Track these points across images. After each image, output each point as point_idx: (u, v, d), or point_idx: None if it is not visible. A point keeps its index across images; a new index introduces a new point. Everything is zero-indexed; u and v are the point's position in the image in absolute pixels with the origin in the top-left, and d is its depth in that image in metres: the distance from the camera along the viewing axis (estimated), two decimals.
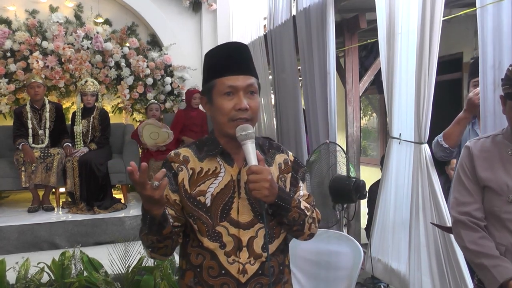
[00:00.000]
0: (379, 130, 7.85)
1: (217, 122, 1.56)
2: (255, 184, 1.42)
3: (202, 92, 1.61)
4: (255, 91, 1.55)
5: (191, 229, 1.56)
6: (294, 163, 1.69)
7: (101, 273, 3.46)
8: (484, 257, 1.85)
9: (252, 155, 1.45)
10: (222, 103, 1.51)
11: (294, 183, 1.66)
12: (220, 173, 1.55)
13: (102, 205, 5.15)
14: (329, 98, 4.14)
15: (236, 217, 1.52)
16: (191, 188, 1.54)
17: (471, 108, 2.83)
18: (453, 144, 2.90)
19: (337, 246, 2.66)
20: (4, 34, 5.96)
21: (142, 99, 6.72)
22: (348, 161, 3.67)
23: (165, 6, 6.89)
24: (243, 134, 1.46)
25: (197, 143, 1.63)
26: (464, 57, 5.32)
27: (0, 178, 5.22)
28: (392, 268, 3.46)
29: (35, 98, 5.29)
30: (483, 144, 1.99)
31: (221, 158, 1.58)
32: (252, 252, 1.52)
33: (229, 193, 1.54)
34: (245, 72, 1.53)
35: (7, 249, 4.51)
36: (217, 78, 1.52)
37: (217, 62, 1.55)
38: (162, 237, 1.45)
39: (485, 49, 2.59)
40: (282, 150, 1.69)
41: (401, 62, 3.28)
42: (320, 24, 4.15)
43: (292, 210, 1.53)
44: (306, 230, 1.60)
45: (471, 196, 1.96)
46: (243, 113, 1.49)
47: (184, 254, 1.60)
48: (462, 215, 1.96)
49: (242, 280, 1.51)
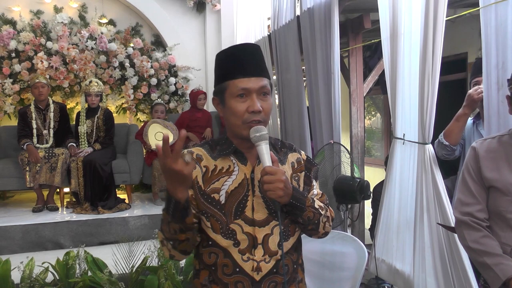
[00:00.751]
0: (383, 130, 7.83)
1: (230, 124, 1.56)
2: (270, 185, 1.42)
3: (214, 92, 1.61)
4: (268, 92, 1.55)
5: (200, 229, 1.56)
6: (307, 161, 1.70)
7: (105, 273, 3.46)
8: (486, 255, 1.86)
9: (266, 156, 1.46)
10: (235, 105, 1.51)
11: (307, 182, 1.67)
12: (234, 171, 1.56)
13: (106, 205, 5.17)
14: (334, 98, 4.13)
15: (251, 215, 1.53)
16: (205, 185, 1.54)
17: (471, 104, 2.85)
18: (454, 141, 2.91)
19: (341, 247, 2.66)
20: (9, 35, 5.98)
21: (146, 100, 6.74)
22: (353, 161, 3.66)
23: (169, 6, 6.89)
24: (257, 135, 1.47)
25: (210, 143, 1.64)
26: (469, 57, 5.30)
27: (5, 178, 5.24)
28: (397, 269, 3.45)
29: (39, 98, 5.31)
30: (489, 145, 1.99)
31: (234, 157, 1.58)
32: (268, 249, 1.52)
33: (243, 191, 1.54)
34: (257, 74, 1.53)
35: (12, 249, 4.53)
36: (230, 80, 1.52)
37: (230, 63, 1.55)
38: (185, 226, 1.42)
39: (489, 49, 2.59)
40: (294, 149, 1.71)
41: (405, 63, 3.27)
42: (324, 24, 4.15)
43: (306, 209, 1.54)
44: (320, 229, 1.62)
45: (474, 197, 1.97)
46: (256, 115, 1.50)
47: (197, 255, 1.60)
48: (464, 215, 1.97)
49: (256, 278, 1.50)
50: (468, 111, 2.87)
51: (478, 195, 1.97)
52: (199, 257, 1.58)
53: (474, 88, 2.86)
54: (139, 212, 5.20)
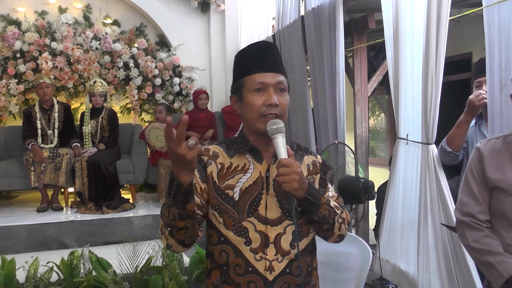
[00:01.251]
0: (387, 130, 7.82)
1: (247, 119, 1.57)
2: (285, 177, 1.42)
3: (232, 91, 1.62)
4: (285, 89, 1.57)
5: (212, 226, 1.55)
6: (322, 164, 1.70)
7: (109, 273, 3.47)
8: (489, 254, 1.87)
9: (282, 149, 1.46)
10: (252, 98, 1.53)
11: (322, 184, 1.67)
12: (249, 169, 1.56)
13: (111, 205, 5.17)
14: (338, 99, 4.12)
15: (264, 213, 1.52)
16: (220, 181, 1.54)
17: (472, 110, 2.82)
18: (457, 147, 2.89)
19: (345, 247, 2.65)
20: (14, 35, 6.00)
21: (151, 100, 6.75)
22: (357, 161, 3.66)
23: (174, 6, 6.90)
24: (273, 128, 1.48)
25: (227, 142, 1.65)
26: (474, 57, 5.29)
27: (10, 178, 5.25)
28: (401, 269, 3.44)
29: (44, 98, 5.33)
30: (493, 145, 1.99)
31: (250, 155, 1.59)
32: (280, 248, 1.51)
33: (257, 189, 1.54)
34: (274, 70, 1.55)
35: (16, 249, 4.54)
36: (247, 76, 1.54)
37: (247, 60, 1.58)
38: (184, 213, 1.37)
39: (492, 49, 2.58)
40: (310, 152, 1.71)
41: (408, 63, 3.26)
42: (329, 24, 4.14)
43: (322, 206, 1.53)
44: (336, 230, 1.60)
45: (475, 199, 1.98)
46: (273, 108, 1.51)
47: (208, 254, 1.59)
48: (465, 216, 1.98)
49: (269, 278, 1.49)
50: (470, 117, 2.85)
51: (480, 197, 1.97)
52: (211, 256, 1.57)
53: (475, 93, 2.82)
54: (144, 212, 5.21)
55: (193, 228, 1.44)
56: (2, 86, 6.04)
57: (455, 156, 2.91)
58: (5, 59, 6.10)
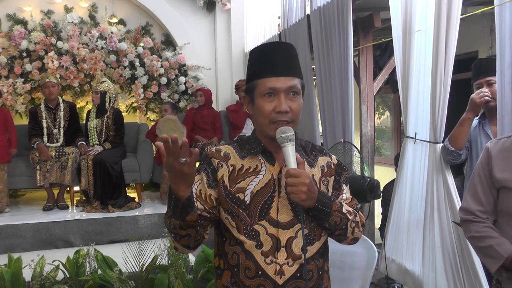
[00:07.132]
0: (393, 129, 7.79)
1: (258, 123, 1.55)
2: (293, 188, 1.41)
3: (245, 91, 1.59)
4: (298, 92, 1.52)
5: (226, 229, 1.54)
6: (337, 166, 1.67)
7: (115, 271, 3.48)
8: (488, 238, 1.90)
9: (291, 158, 1.44)
10: (262, 104, 1.50)
11: (336, 187, 1.64)
12: (261, 171, 1.54)
13: (116, 204, 5.19)
14: (347, 97, 4.10)
15: (276, 216, 1.50)
16: (231, 184, 1.52)
17: (474, 108, 2.82)
18: (459, 146, 2.88)
19: (351, 246, 2.63)
20: (21, 35, 6.03)
21: (156, 99, 6.76)
22: (363, 160, 3.65)
23: (179, 5, 6.91)
24: (282, 136, 1.45)
25: (239, 141, 1.62)
26: (479, 56, 5.26)
27: (16, 176, 5.28)
28: (406, 269, 3.43)
29: (49, 97, 5.34)
30: (503, 144, 1.98)
31: (262, 156, 1.56)
32: (291, 253, 1.49)
33: (269, 191, 1.52)
34: (287, 73, 1.50)
35: (23, 247, 4.56)
36: (259, 79, 1.51)
37: (259, 62, 1.53)
38: (184, 224, 1.39)
39: (503, 47, 2.56)
40: (325, 153, 1.68)
41: (416, 61, 3.25)
42: (337, 23, 4.12)
43: (333, 214, 1.51)
44: (349, 234, 1.59)
45: (479, 200, 2.00)
46: (283, 115, 1.48)
47: (222, 253, 1.57)
48: (468, 215, 2.00)
49: (279, 282, 1.47)
50: (472, 115, 2.85)
51: (484, 198, 1.98)
52: (224, 256, 1.55)
53: (477, 92, 2.83)
54: (149, 210, 5.22)
55: (197, 234, 1.46)
56: (9, 85, 6.07)
57: (458, 155, 2.90)
58: (11, 58, 6.13)
